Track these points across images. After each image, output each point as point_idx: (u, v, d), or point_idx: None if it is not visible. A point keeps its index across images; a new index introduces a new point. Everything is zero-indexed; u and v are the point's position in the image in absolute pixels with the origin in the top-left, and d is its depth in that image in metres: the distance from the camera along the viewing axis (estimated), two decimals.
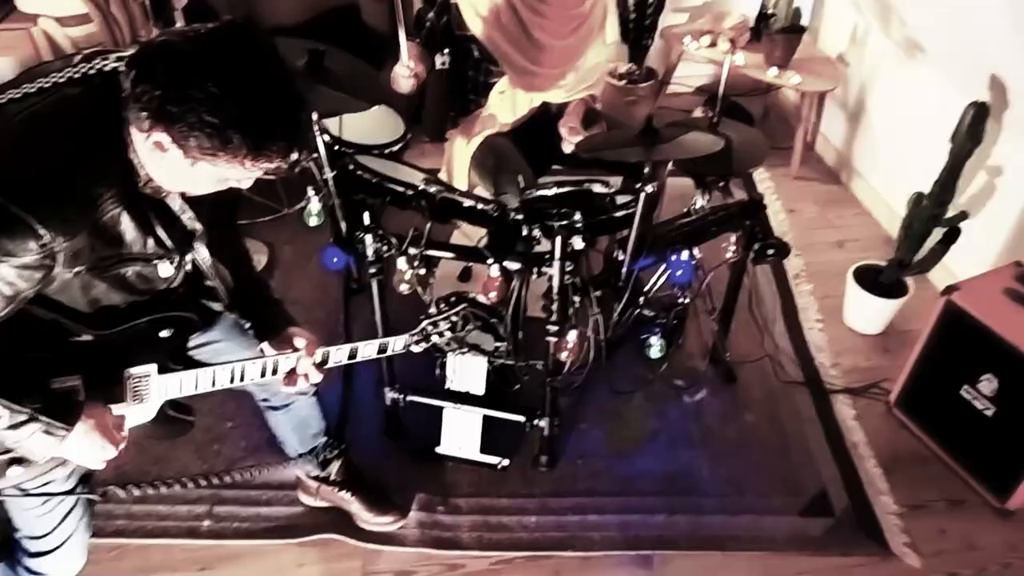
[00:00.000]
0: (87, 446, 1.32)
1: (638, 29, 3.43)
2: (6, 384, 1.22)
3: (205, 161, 1.12)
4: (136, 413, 1.45)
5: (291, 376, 1.55)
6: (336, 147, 2.06)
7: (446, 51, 2.36)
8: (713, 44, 3.36)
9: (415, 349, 1.64)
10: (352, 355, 1.60)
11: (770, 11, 3.32)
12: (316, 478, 2.03)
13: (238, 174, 1.17)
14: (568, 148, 2.22)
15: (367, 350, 1.60)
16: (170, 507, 2.07)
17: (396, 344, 1.62)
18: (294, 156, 1.15)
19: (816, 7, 3.49)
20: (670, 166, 2.06)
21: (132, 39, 2.82)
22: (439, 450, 2.19)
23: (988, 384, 2.03)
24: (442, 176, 2.45)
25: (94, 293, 1.32)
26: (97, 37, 2.55)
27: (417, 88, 2.21)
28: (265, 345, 1.57)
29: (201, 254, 1.40)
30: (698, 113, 3.48)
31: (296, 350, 1.54)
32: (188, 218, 1.34)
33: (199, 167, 1.14)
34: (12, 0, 2.65)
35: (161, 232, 1.28)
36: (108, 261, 1.25)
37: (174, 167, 1.15)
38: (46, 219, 1.11)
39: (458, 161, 2.34)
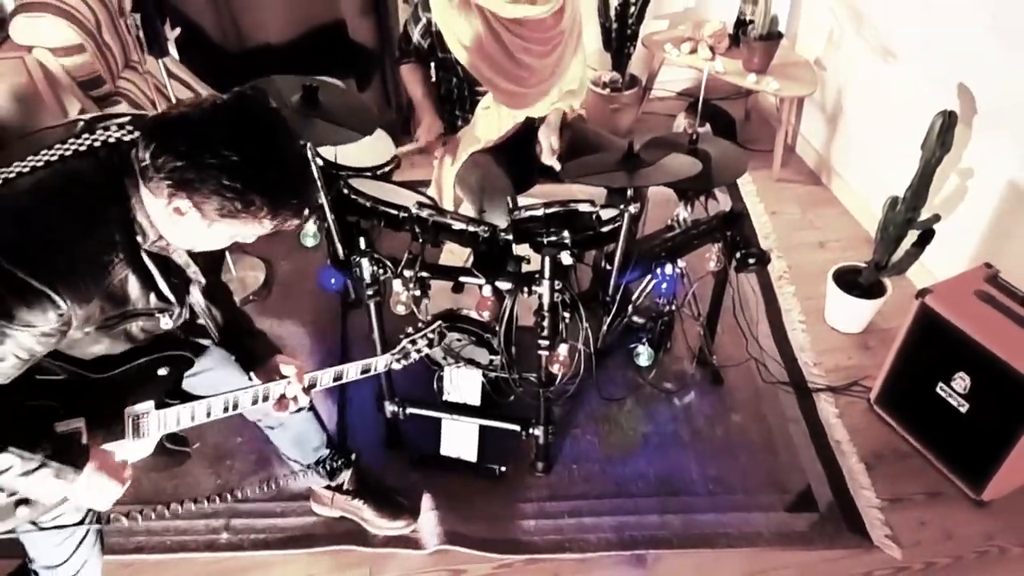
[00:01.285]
0: (95, 487, 1.38)
1: (620, 38, 3.51)
2: (16, 433, 1.27)
3: (223, 222, 1.20)
4: (137, 449, 1.52)
5: (281, 401, 1.63)
6: (331, 170, 2.13)
7: (432, 64, 2.44)
8: (693, 51, 3.44)
9: (396, 367, 1.74)
10: (338, 377, 1.69)
11: (748, 18, 3.41)
12: (328, 488, 2.11)
13: (254, 231, 1.25)
14: (547, 160, 2.30)
15: (352, 372, 1.69)
16: (188, 522, 2.15)
17: (379, 364, 1.72)
18: (306, 212, 1.24)
19: (793, 12, 3.57)
20: None
21: (124, 65, 2.87)
22: (441, 452, 2.27)
23: (961, 382, 2.12)
24: (431, 192, 2.54)
25: (97, 347, 1.39)
26: (91, 66, 2.59)
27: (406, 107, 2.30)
28: (254, 376, 1.65)
29: (195, 298, 1.47)
30: (680, 119, 3.57)
31: (283, 377, 1.62)
32: (192, 272, 1.42)
33: (215, 227, 1.21)
34: (6, 30, 2.69)
35: (163, 287, 1.35)
36: (114, 319, 1.32)
37: (191, 228, 1.23)
38: (64, 290, 1.18)
39: (446, 180, 2.43)
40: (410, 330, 1.73)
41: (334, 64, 3.42)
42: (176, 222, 1.22)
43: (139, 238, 1.27)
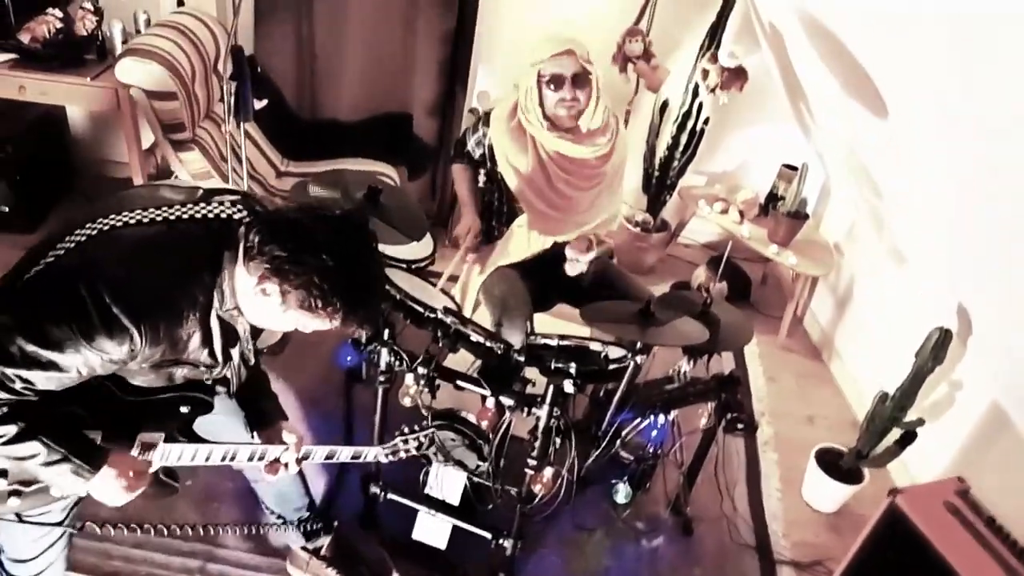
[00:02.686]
0: (110, 488, 1.50)
1: (659, 185, 3.75)
2: (47, 427, 1.40)
3: (298, 312, 1.36)
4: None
5: (273, 465, 1.74)
6: None
7: (483, 172, 2.65)
8: (724, 211, 3.66)
9: (383, 460, 1.87)
10: (330, 456, 1.81)
11: (780, 193, 3.64)
12: (305, 549, 2.17)
13: (317, 326, 1.41)
14: (572, 270, 2.45)
15: (344, 454, 1.82)
16: (166, 556, 2.21)
17: (369, 454, 1.85)
18: (367, 328, 1.41)
19: (822, 197, 3.81)
20: None
21: (205, 115, 3.11)
22: (413, 536, 2.33)
23: None
24: (455, 291, 2.70)
25: (140, 379, 1.53)
26: (177, 112, 2.82)
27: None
28: (257, 435, 1.77)
29: (235, 364, 1.61)
30: (700, 271, 3.76)
31: (283, 443, 1.73)
32: (246, 342, 1.57)
33: (288, 314, 1.38)
34: (111, 63, 2.94)
35: (218, 347, 1.50)
36: (167, 363, 1.46)
37: (267, 309, 1.39)
38: (144, 331, 1.34)
39: (472, 286, 2.59)
40: (405, 429, 1.86)
41: (393, 152, 3.67)
42: (257, 300, 1.38)
43: (216, 302, 1.43)
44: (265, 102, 2.65)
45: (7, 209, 3.27)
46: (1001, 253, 2.15)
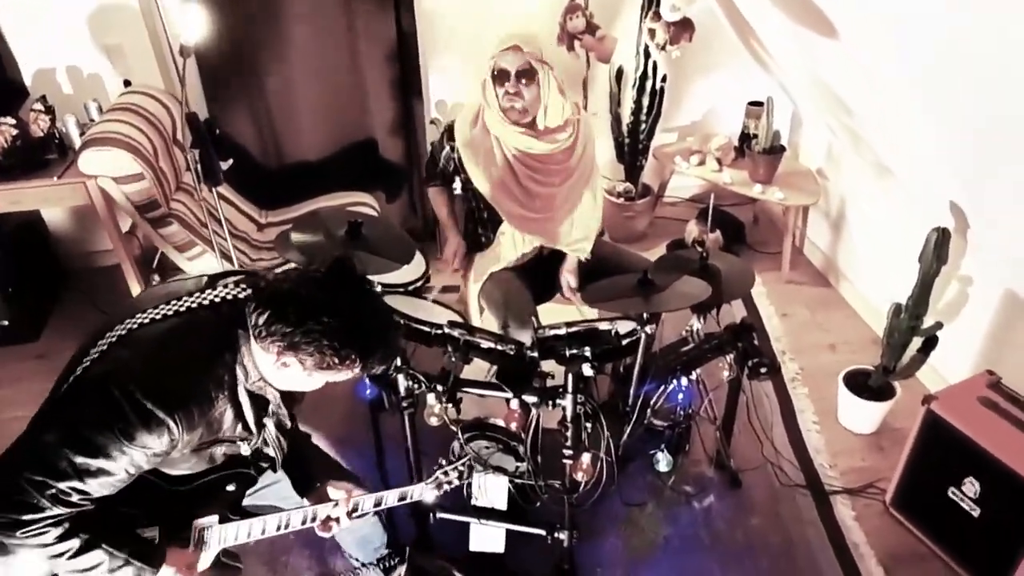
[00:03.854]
0: None
1: (632, 152, 3.74)
2: (107, 534, 1.45)
3: (322, 373, 1.42)
4: (200, 559, 1.67)
5: (325, 523, 1.78)
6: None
7: (458, 179, 2.64)
8: (702, 163, 3.67)
9: (429, 498, 1.89)
10: (378, 503, 1.85)
11: (751, 132, 3.64)
12: None
13: (345, 376, 1.46)
14: (568, 295, 2.53)
15: (391, 498, 1.86)
16: None
17: (414, 492, 1.89)
18: (392, 359, 1.44)
19: (794, 127, 3.81)
20: None
21: (176, 188, 3.12)
22: (470, 549, 2.35)
23: (971, 487, 2.20)
24: (457, 304, 2.71)
25: (184, 465, 1.58)
26: (148, 192, 2.83)
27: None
28: (305, 498, 1.81)
29: (269, 429, 1.64)
30: (692, 226, 3.76)
31: (332, 500, 1.78)
32: (278, 407, 1.61)
33: (315, 375, 1.44)
34: (73, 158, 2.95)
35: (250, 419, 1.55)
36: (206, 444, 1.52)
37: (293, 377, 1.46)
38: (179, 420, 1.39)
39: (471, 296, 2.62)
40: (443, 462, 1.89)
41: (366, 179, 3.68)
42: (281, 372, 1.45)
43: (242, 377, 1.48)
44: (231, 162, 2.66)
45: (7, 323, 3.29)
46: (977, 143, 2.15)
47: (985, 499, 2.17)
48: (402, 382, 2.09)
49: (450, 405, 2.06)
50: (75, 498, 1.37)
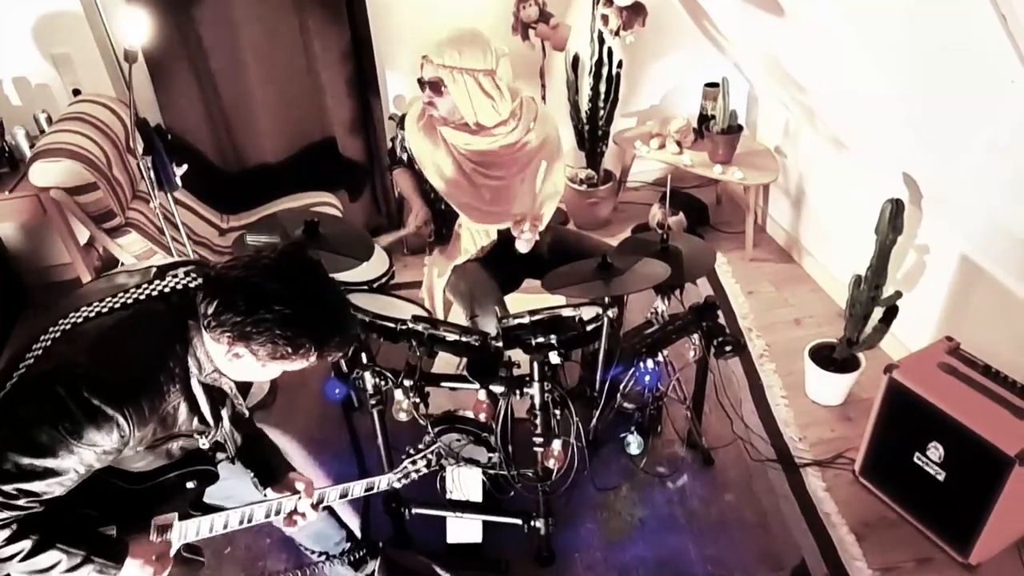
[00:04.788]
0: None
1: (592, 138, 3.75)
2: (62, 532, 1.41)
3: (276, 363, 1.38)
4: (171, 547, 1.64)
5: (290, 517, 1.77)
6: None
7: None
8: (662, 146, 3.68)
9: (397, 485, 1.88)
10: (344, 495, 1.83)
11: (709, 113, 3.67)
12: None
13: (299, 366, 1.43)
14: (523, 247, 2.45)
15: (357, 489, 1.84)
16: None
17: (381, 483, 1.88)
18: (349, 346, 1.42)
19: (750, 105, 3.84)
20: None
21: (132, 196, 3.08)
22: (448, 541, 2.36)
23: (935, 452, 2.24)
24: (422, 293, 2.71)
25: (140, 463, 1.54)
26: (103, 202, 2.78)
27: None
28: (268, 491, 1.78)
29: (226, 425, 1.62)
30: (655, 210, 3.78)
31: (295, 493, 1.76)
32: (239, 403, 1.58)
33: (269, 366, 1.40)
34: (24, 171, 2.89)
35: (206, 412, 1.51)
36: (161, 440, 1.48)
37: (246, 367, 1.41)
38: (129, 416, 1.34)
39: (436, 289, 2.60)
40: (410, 451, 1.88)
41: (329, 179, 3.65)
42: (235, 363, 1.41)
43: (195, 370, 1.44)
44: (185, 167, 2.62)
45: None
46: (925, 114, 2.19)
47: (949, 463, 2.22)
48: (369, 380, 2.08)
49: (418, 400, 2.06)
50: (22, 501, 1.32)
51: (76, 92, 3.26)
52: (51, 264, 3.75)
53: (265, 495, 1.79)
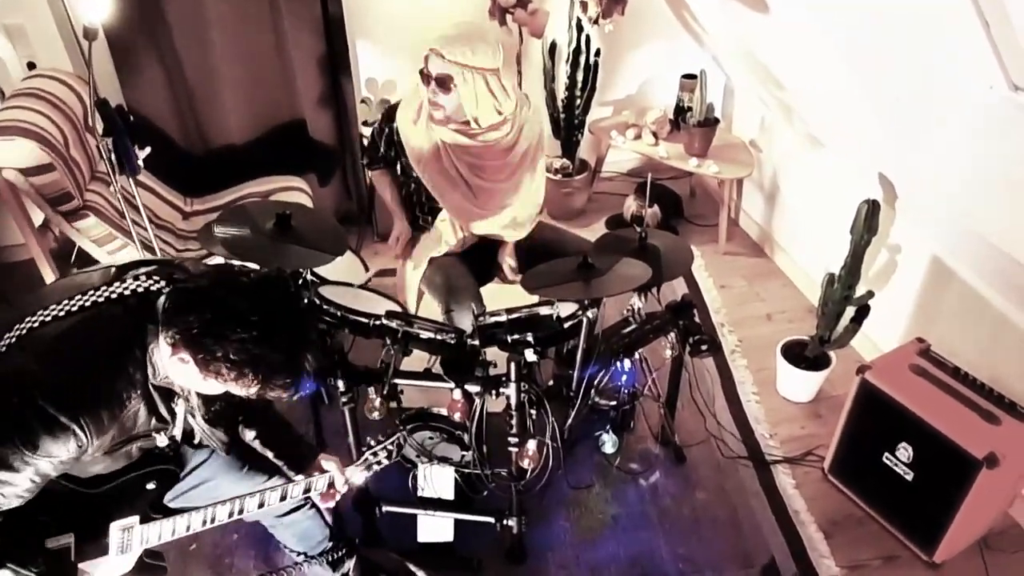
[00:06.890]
0: None
1: (568, 127, 3.70)
2: (11, 550, 1.35)
3: (215, 381, 1.31)
4: (120, 563, 1.58)
5: (328, 491, 1.79)
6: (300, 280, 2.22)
7: (399, 166, 2.55)
8: (638, 136, 3.65)
9: (358, 480, 1.84)
10: (307, 490, 1.79)
11: (686, 105, 3.64)
12: None
13: (241, 393, 1.37)
14: (511, 277, 2.47)
15: (320, 483, 1.80)
16: None
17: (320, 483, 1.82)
18: (293, 391, 1.35)
19: (727, 98, 3.82)
20: None
21: (91, 178, 2.95)
22: (419, 540, 2.32)
23: (904, 452, 2.26)
24: (394, 287, 2.65)
25: (97, 467, 1.48)
26: (59, 183, 2.65)
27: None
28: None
29: (201, 425, 1.55)
30: (630, 201, 3.76)
31: (325, 472, 1.76)
32: (190, 397, 1.51)
33: (208, 381, 1.33)
34: None
35: (163, 410, 1.46)
36: (119, 444, 1.42)
37: (189, 375, 1.35)
38: (87, 425, 1.28)
39: (409, 282, 2.55)
40: (371, 442, 1.83)
41: (297, 162, 3.55)
42: (177, 366, 1.34)
43: (150, 373, 1.39)
44: (148, 149, 2.51)
45: None
46: (902, 116, 2.19)
47: (918, 464, 2.24)
48: (340, 378, 2.02)
49: (391, 399, 2.01)
50: None
51: (31, 65, 3.11)
52: (5, 245, 3.60)
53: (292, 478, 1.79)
